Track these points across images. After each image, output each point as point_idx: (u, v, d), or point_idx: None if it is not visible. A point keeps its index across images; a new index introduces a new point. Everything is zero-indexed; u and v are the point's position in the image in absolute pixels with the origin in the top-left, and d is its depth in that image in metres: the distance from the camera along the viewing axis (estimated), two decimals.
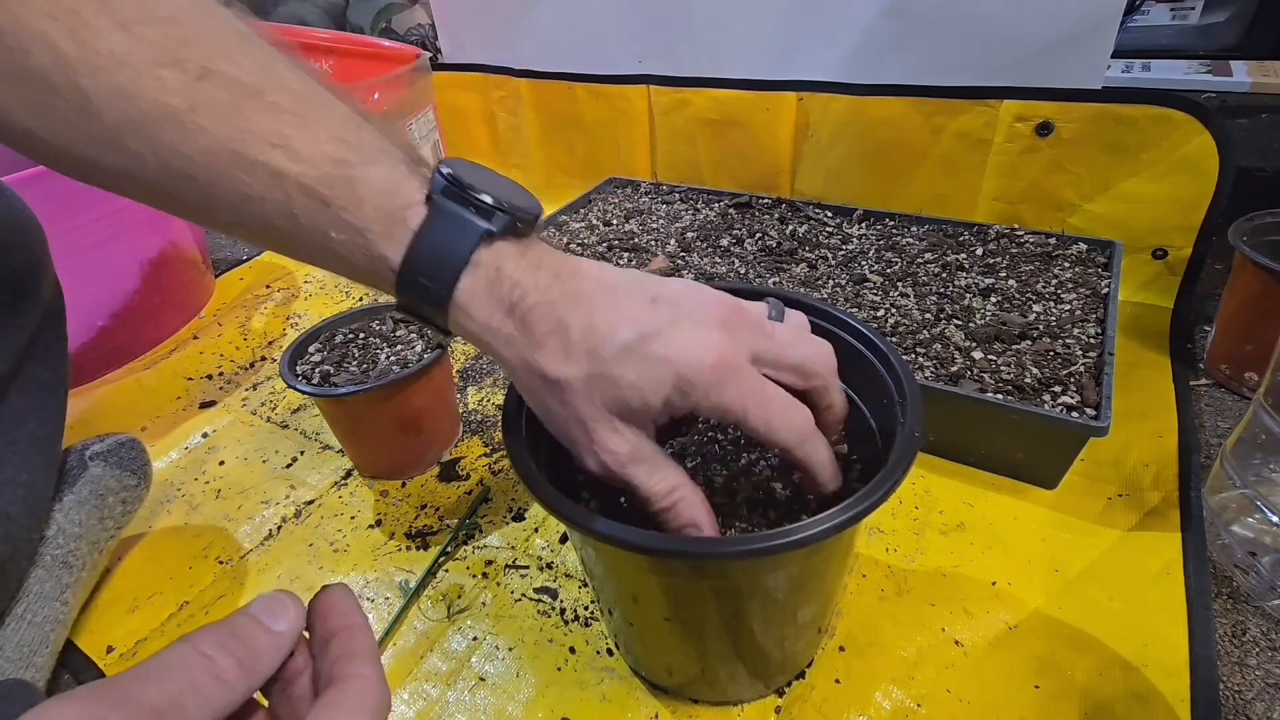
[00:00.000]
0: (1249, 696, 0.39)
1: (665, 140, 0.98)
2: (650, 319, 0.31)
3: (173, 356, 0.80)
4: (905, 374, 0.36)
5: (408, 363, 0.56)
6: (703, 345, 0.30)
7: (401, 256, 0.30)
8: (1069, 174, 0.72)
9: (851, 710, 0.40)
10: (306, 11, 1.38)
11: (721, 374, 0.30)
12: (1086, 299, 0.62)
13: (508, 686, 0.43)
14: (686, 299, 0.32)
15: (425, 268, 0.30)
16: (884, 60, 0.78)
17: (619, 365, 0.30)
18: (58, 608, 0.46)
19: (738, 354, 0.31)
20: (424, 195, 0.30)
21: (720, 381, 0.30)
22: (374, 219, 0.29)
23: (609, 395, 0.30)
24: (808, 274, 0.71)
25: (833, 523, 0.28)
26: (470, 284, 0.30)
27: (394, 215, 0.30)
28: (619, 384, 0.30)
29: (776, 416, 0.32)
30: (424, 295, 0.30)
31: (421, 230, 0.30)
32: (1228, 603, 0.44)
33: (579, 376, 0.30)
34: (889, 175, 0.82)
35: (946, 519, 0.51)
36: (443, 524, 0.55)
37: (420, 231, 0.30)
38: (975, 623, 0.44)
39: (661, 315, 0.31)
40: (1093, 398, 0.50)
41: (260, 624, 0.23)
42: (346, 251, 0.30)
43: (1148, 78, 0.92)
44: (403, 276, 0.30)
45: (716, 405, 0.30)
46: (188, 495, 0.61)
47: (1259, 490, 0.46)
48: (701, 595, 0.34)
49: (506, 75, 1.07)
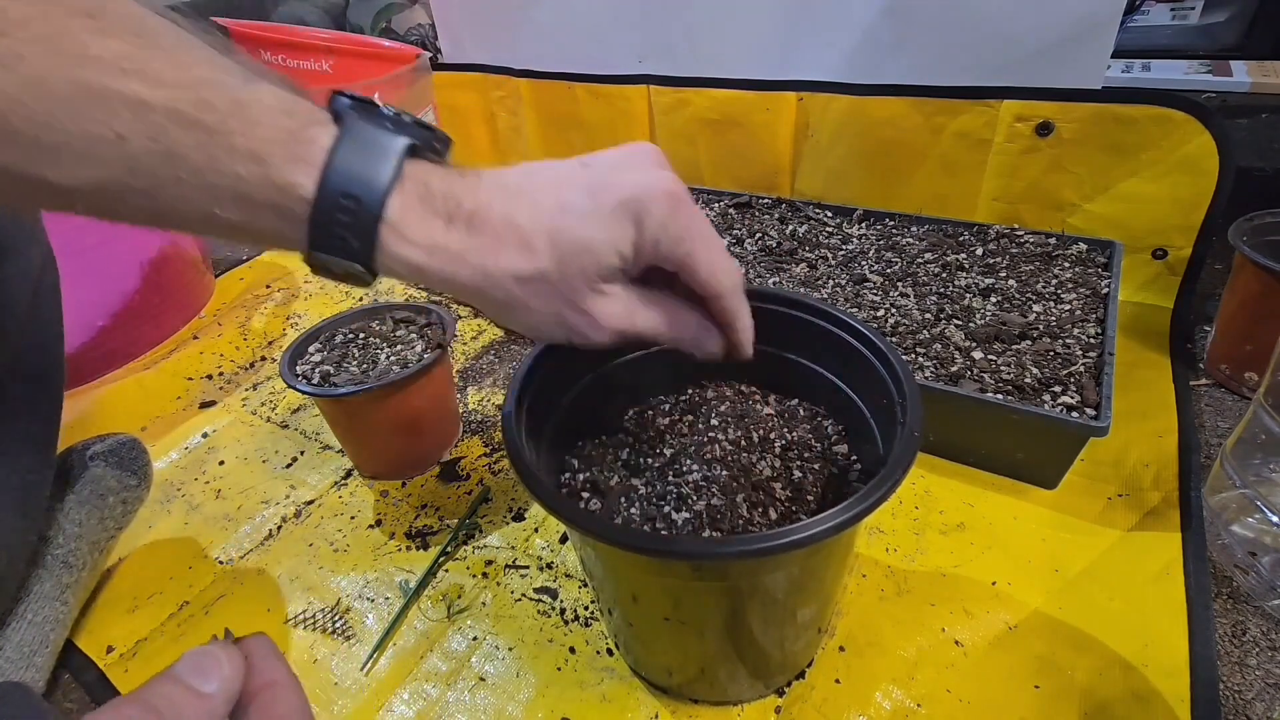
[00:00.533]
0: (1249, 696, 0.39)
1: (665, 140, 0.98)
2: (590, 177, 0.30)
3: (173, 356, 0.80)
4: (905, 374, 0.36)
5: (408, 363, 0.56)
6: (651, 179, 0.30)
7: (316, 180, 0.25)
8: (1069, 174, 0.72)
9: (851, 710, 0.40)
10: (306, 11, 1.38)
11: (674, 202, 0.30)
12: (1086, 299, 0.62)
13: (508, 686, 0.43)
14: (614, 153, 0.32)
15: (347, 187, 0.26)
16: (884, 60, 0.78)
17: (583, 230, 0.29)
18: (58, 608, 0.46)
19: (681, 187, 0.31)
20: (328, 113, 0.27)
21: (674, 209, 0.30)
22: (275, 141, 0.25)
23: (586, 264, 0.30)
24: (808, 274, 0.71)
25: (833, 523, 0.28)
26: (401, 201, 0.27)
27: (298, 135, 0.25)
28: (591, 247, 0.29)
29: (719, 258, 0.32)
30: (348, 224, 0.26)
31: (336, 147, 0.26)
32: (1228, 603, 0.44)
33: (550, 261, 0.29)
34: (889, 175, 0.82)
35: (946, 519, 0.51)
36: (443, 524, 0.55)
37: (335, 149, 0.26)
38: (975, 623, 0.44)
39: (599, 171, 0.31)
40: (1093, 398, 0.49)
41: (186, 687, 0.21)
42: (244, 189, 0.25)
43: (1148, 78, 0.92)
44: (320, 204, 0.26)
45: (674, 235, 0.30)
46: (188, 495, 0.61)
47: (1259, 490, 0.46)
48: (701, 595, 0.34)
49: (506, 75, 1.07)
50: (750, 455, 0.44)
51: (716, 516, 0.40)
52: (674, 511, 0.40)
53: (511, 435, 0.35)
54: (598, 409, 0.48)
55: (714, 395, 0.48)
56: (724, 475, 0.42)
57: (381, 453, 0.59)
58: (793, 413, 0.47)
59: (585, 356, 0.45)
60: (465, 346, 0.78)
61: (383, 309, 0.62)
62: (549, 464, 0.42)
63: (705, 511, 0.40)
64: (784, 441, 0.44)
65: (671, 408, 0.48)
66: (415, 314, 0.61)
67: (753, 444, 0.45)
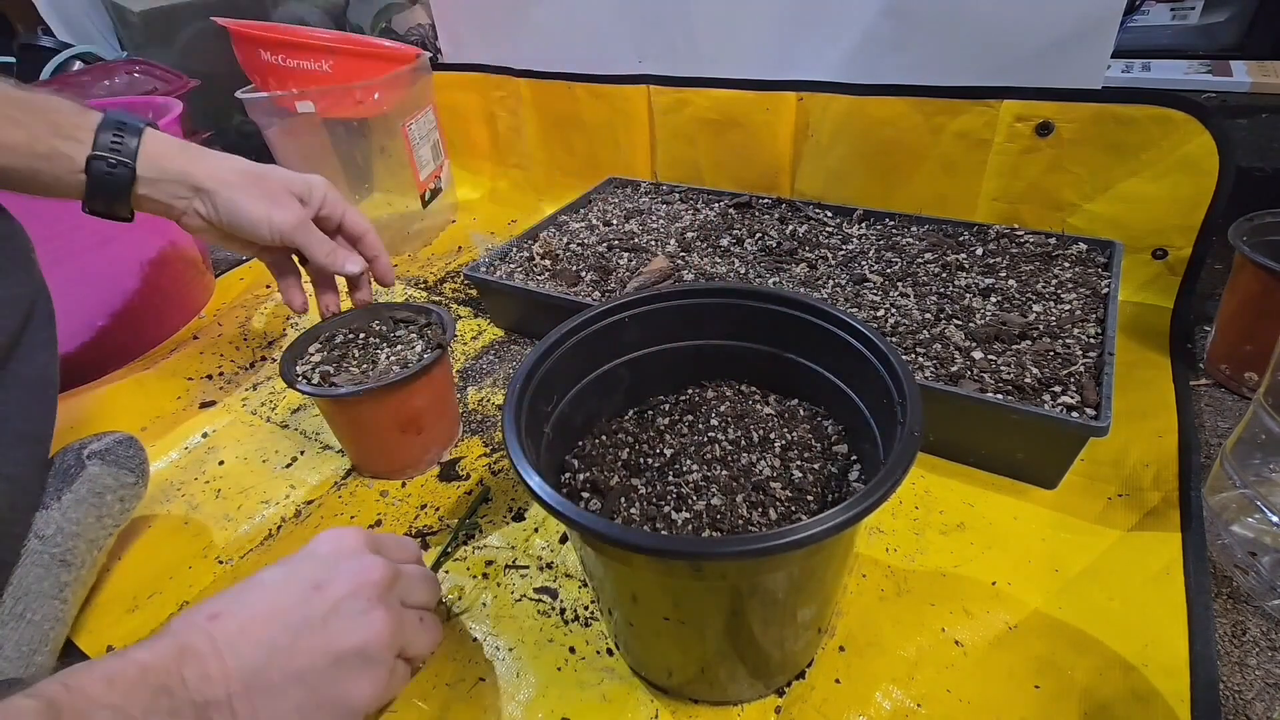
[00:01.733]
0: (1249, 696, 0.39)
1: (665, 140, 0.98)
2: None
3: (173, 356, 0.80)
4: (905, 374, 0.36)
5: (408, 363, 0.56)
6: None
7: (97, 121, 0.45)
8: (1069, 174, 0.72)
9: (851, 710, 0.40)
10: (306, 11, 1.38)
11: None
12: (1086, 299, 0.62)
13: (508, 686, 0.43)
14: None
15: (119, 118, 0.46)
16: (884, 60, 0.78)
17: None
18: (57, 605, 0.46)
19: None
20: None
21: None
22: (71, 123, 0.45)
23: None
24: (808, 274, 0.71)
25: (832, 523, 0.28)
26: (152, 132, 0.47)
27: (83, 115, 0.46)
28: None
29: None
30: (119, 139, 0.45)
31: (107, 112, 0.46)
32: (1228, 603, 0.44)
33: None
34: (889, 175, 0.82)
35: (946, 519, 0.51)
36: (443, 524, 0.55)
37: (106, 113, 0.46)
38: (975, 623, 0.44)
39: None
40: (1093, 398, 0.49)
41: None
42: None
43: (1148, 78, 0.92)
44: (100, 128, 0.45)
45: None
46: (188, 495, 0.61)
47: (1259, 490, 0.46)
48: (701, 595, 0.34)
49: (506, 75, 1.07)
50: (750, 455, 0.44)
51: (716, 516, 0.40)
52: (674, 511, 0.40)
53: (511, 435, 0.35)
54: (598, 409, 0.48)
55: (714, 395, 0.48)
56: (724, 475, 0.42)
57: (381, 453, 0.59)
58: (793, 413, 0.47)
59: (585, 356, 0.45)
60: (465, 346, 0.78)
61: (382, 309, 0.62)
62: (549, 464, 0.42)
63: (705, 511, 0.40)
64: (784, 441, 0.44)
65: (671, 408, 0.48)
66: (415, 314, 0.61)
67: (753, 444, 0.45)
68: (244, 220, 0.49)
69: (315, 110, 0.87)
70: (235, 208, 0.48)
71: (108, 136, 0.45)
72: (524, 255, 0.80)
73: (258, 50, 0.86)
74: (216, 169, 0.48)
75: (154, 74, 1.15)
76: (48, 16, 1.33)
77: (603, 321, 0.45)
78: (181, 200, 0.48)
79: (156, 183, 0.47)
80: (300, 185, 0.52)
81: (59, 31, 1.33)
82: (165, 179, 0.47)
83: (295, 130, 0.91)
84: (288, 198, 0.51)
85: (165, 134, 0.48)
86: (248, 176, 0.49)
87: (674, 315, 0.47)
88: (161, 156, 0.47)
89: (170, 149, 0.47)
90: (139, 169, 0.46)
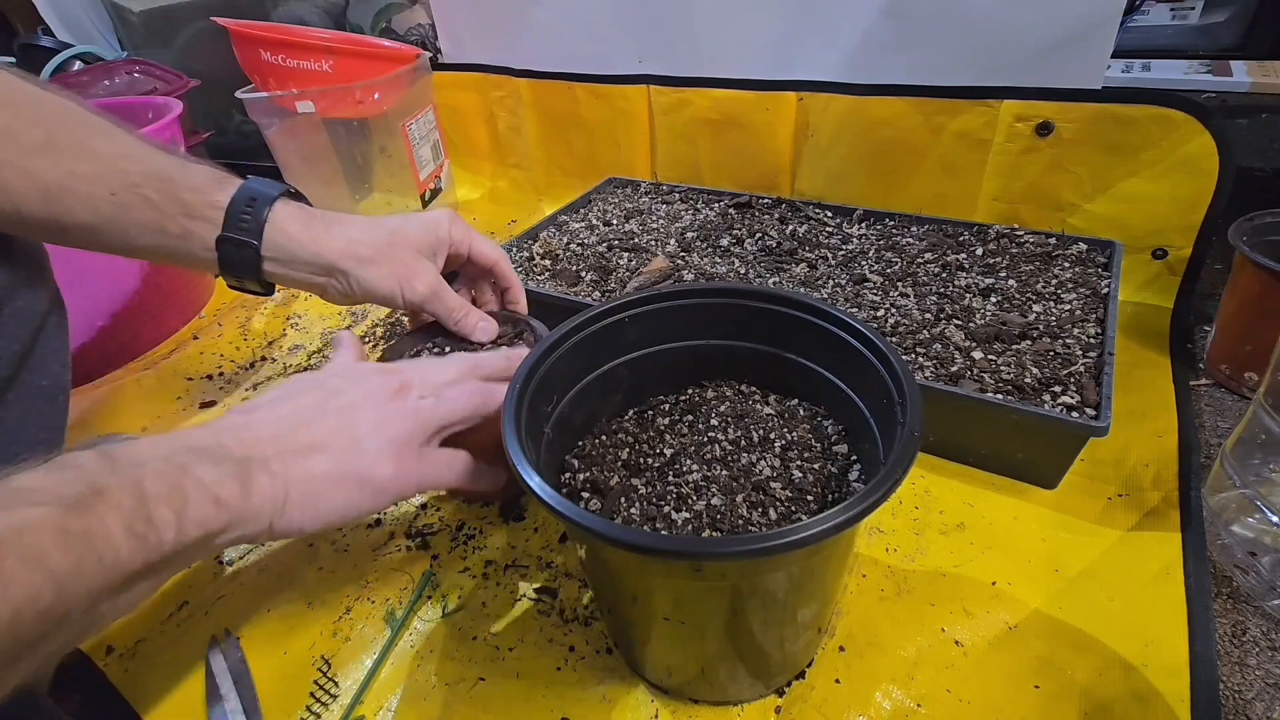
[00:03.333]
0: (1249, 696, 0.39)
1: (665, 140, 0.98)
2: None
3: (173, 356, 0.80)
4: (905, 374, 0.36)
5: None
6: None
7: (230, 195, 0.46)
8: (1069, 174, 0.72)
9: (851, 710, 0.40)
10: (306, 11, 1.38)
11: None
12: (1086, 299, 0.62)
13: (508, 686, 0.43)
14: None
15: (250, 193, 0.46)
16: (884, 60, 0.78)
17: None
18: None
19: None
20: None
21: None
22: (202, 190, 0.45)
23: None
24: (808, 274, 0.71)
25: (833, 523, 0.28)
26: (283, 203, 0.47)
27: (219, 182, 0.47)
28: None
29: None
30: (249, 218, 0.46)
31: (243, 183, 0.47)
32: (1228, 603, 0.44)
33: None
34: (889, 175, 0.82)
35: (946, 519, 0.51)
36: (443, 524, 0.55)
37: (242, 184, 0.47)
38: (975, 623, 0.44)
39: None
40: (1093, 398, 0.50)
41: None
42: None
43: (1148, 78, 0.92)
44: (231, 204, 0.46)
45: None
46: None
47: (1259, 490, 0.46)
48: (701, 595, 0.34)
49: (506, 75, 1.07)
50: (750, 455, 0.44)
51: (716, 516, 0.40)
52: (674, 511, 0.40)
53: (511, 435, 0.35)
54: (597, 409, 0.48)
55: (714, 395, 0.49)
56: (724, 475, 0.42)
57: None
58: (793, 413, 0.47)
59: (585, 356, 0.45)
60: None
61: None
62: (549, 464, 0.42)
63: (705, 511, 0.40)
64: (784, 441, 0.44)
65: (671, 408, 0.48)
66: (510, 325, 0.57)
67: (752, 444, 0.45)
68: (379, 295, 0.50)
69: (315, 110, 0.87)
70: (369, 286, 0.49)
71: (238, 212, 0.45)
72: (524, 255, 0.80)
73: (258, 50, 0.86)
74: (348, 245, 0.48)
75: (154, 74, 1.15)
76: (48, 16, 1.33)
77: (603, 321, 0.45)
78: (319, 280, 0.49)
79: (290, 263, 0.48)
80: (429, 241, 0.52)
81: (59, 31, 1.33)
82: (298, 260, 0.48)
83: (295, 130, 0.91)
84: (418, 263, 0.51)
85: (295, 205, 0.48)
86: (379, 249, 0.49)
87: (674, 315, 0.47)
88: (290, 238, 0.47)
89: (297, 224, 0.47)
90: (265, 250, 0.46)
